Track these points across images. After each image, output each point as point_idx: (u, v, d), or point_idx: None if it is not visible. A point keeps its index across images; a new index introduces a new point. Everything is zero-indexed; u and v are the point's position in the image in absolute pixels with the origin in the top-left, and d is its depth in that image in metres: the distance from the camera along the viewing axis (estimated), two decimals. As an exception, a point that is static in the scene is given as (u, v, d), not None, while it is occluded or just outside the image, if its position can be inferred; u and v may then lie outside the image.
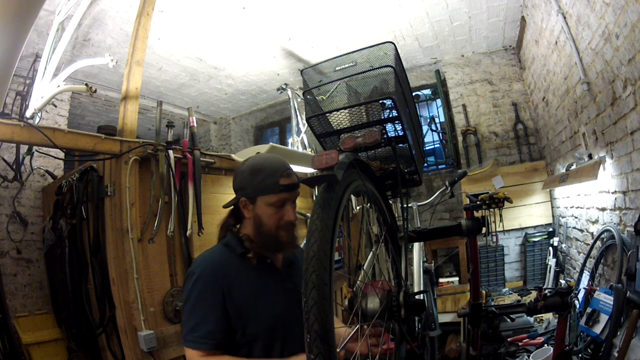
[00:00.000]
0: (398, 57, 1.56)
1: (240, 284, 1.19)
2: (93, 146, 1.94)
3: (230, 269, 1.21)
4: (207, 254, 1.29)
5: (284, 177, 1.22)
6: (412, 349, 1.62)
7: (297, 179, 1.25)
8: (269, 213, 1.22)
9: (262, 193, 1.21)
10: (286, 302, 1.24)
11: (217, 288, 1.16)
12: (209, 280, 1.18)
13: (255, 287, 1.22)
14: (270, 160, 1.27)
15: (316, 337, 0.87)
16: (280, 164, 1.25)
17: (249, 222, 1.26)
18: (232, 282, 1.18)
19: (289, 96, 3.85)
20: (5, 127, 1.68)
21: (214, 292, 1.16)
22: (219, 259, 1.24)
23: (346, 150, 1.41)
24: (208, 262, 1.23)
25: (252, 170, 1.24)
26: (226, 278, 1.19)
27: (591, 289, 2.35)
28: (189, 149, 2.26)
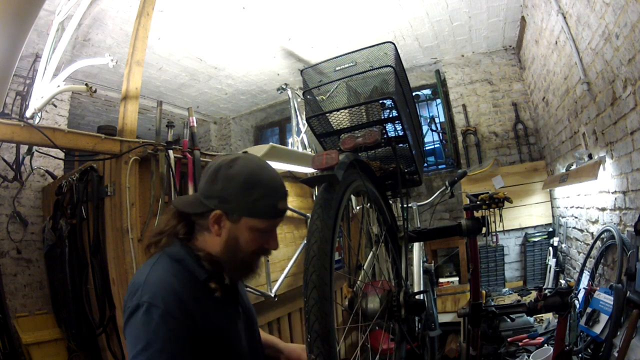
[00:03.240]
0: (398, 57, 1.56)
1: (211, 321, 0.95)
2: (93, 146, 1.93)
3: (199, 301, 0.93)
4: (162, 275, 0.93)
5: (282, 199, 1.03)
6: (412, 349, 1.62)
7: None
8: (251, 238, 0.98)
9: (252, 215, 0.97)
10: (243, 331, 1.07)
11: (192, 330, 0.89)
12: (182, 320, 0.87)
13: (223, 322, 1.00)
14: (270, 174, 1.03)
15: (317, 337, 0.86)
16: (280, 181, 1.05)
17: (214, 239, 0.98)
18: (205, 320, 0.93)
19: (289, 96, 3.85)
20: (5, 127, 1.68)
21: (189, 335, 0.88)
22: (184, 286, 0.92)
23: (346, 150, 1.41)
24: (172, 292, 0.89)
25: (246, 183, 0.96)
26: (198, 315, 0.91)
27: (591, 289, 2.36)
28: (189, 149, 2.25)
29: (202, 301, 0.94)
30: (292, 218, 3.05)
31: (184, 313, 0.88)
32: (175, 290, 0.90)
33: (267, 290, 2.57)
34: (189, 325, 0.88)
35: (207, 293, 0.95)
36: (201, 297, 0.94)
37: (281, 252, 2.86)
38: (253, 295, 2.45)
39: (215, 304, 0.97)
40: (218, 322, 0.97)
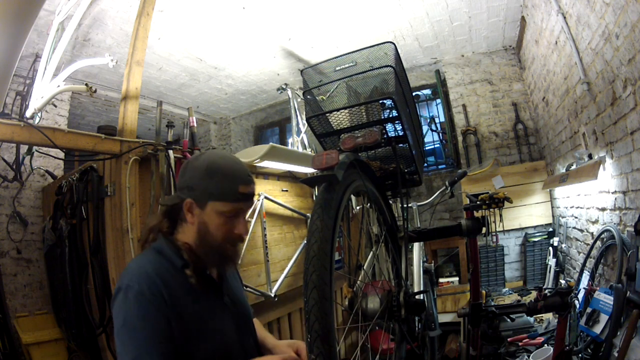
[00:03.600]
0: (398, 57, 1.56)
1: (184, 305, 1.00)
2: (93, 146, 1.94)
3: (171, 285, 0.99)
4: (141, 262, 1.04)
5: (244, 184, 1.06)
6: (412, 349, 1.62)
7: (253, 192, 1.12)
8: (218, 222, 1.04)
9: (215, 198, 1.03)
10: (230, 321, 1.11)
11: (162, 309, 0.95)
12: (151, 299, 0.94)
13: (200, 308, 1.04)
14: (230, 161, 1.09)
15: (317, 337, 0.87)
16: (241, 168, 1.10)
17: (190, 228, 1.07)
18: (176, 302, 0.98)
19: (289, 96, 3.85)
20: (5, 127, 1.68)
21: (159, 314, 0.94)
22: (157, 271, 1.00)
23: (346, 150, 1.41)
24: (145, 275, 0.98)
25: (207, 170, 1.04)
26: (169, 296, 0.97)
27: (591, 289, 2.36)
28: (189, 149, 2.25)
29: (176, 287, 1.00)
30: (292, 218, 3.05)
31: (155, 294, 0.95)
32: (148, 274, 0.98)
33: (267, 290, 2.57)
34: (159, 305, 0.95)
35: (183, 280, 1.02)
36: (176, 283, 1.01)
37: (281, 252, 2.86)
38: (253, 295, 2.45)
39: (193, 292, 1.03)
40: (195, 308, 1.02)
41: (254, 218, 2.58)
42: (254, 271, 2.56)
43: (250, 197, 1.10)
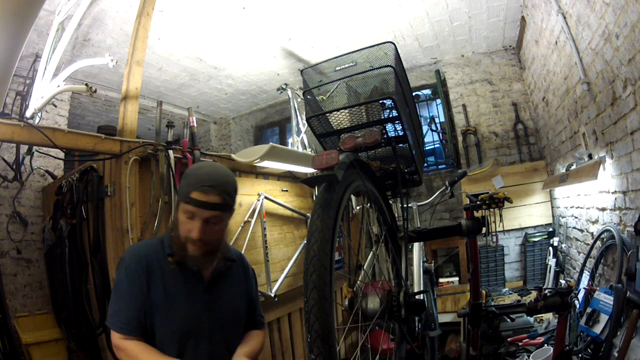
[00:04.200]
0: (398, 57, 1.56)
1: (158, 282, 1.23)
2: (93, 146, 1.93)
3: (154, 264, 1.24)
4: (142, 244, 1.39)
5: (198, 191, 1.19)
6: (412, 349, 1.62)
7: (223, 201, 1.22)
8: (181, 220, 1.23)
9: (180, 198, 1.24)
10: (200, 314, 1.25)
11: (141, 279, 1.21)
12: (134, 270, 1.22)
13: (170, 290, 1.24)
14: (205, 169, 1.26)
15: (317, 337, 0.87)
16: (206, 177, 1.22)
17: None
18: (152, 278, 1.23)
19: (289, 96, 3.85)
20: (5, 127, 1.68)
21: (137, 282, 1.21)
22: (148, 251, 1.27)
23: (346, 150, 1.42)
24: (136, 252, 1.28)
25: (186, 174, 1.26)
26: (149, 272, 1.23)
27: (591, 289, 2.35)
28: (189, 149, 2.25)
29: (157, 268, 1.24)
30: (292, 218, 3.05)
31: (139, 266, 1.22)
32: (138, 254, 1.26)
33: (267, 290, 2.57)
34: (137, 278, 1.21)
35: (167, 265, 1.25)
36: (159, 266, 1.24)
37: (281, 252, 2.86)
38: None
39: (173, 274, 1.24)
40: (168, 286, 1.23)
41: (254, 218, 2.58)
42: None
43: (205, 205, 1.19)
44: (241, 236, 2.47)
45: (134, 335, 1.20)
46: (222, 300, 1.31)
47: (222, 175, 1.25)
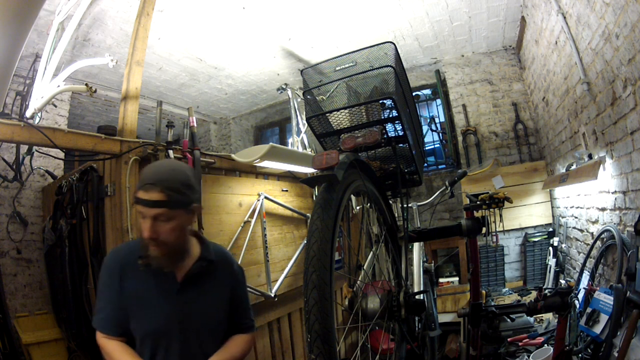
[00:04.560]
0: (398, 57, 1.56)
1: (130, 283, 1.23)
2: (93, 146, 1.93)
3: (129, 266, 1.24)
4: (122, 246, 1.40)
5: (142, 190, 1.18)
6: (412, 349, 1.62)
7: (166, 198, 1.17)
8: (138, 222, 1.23)
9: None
10: (171, 316, 1.23)
11: (116, 280, 1.24)
12: (110, 271, 1.25)
13: (142, 291, 1.24)
14: (152, 168, 1.25)
15: (317, 337, 0.87)
16: (150, 175, 1.20)
17: None
18: (126, 279, 1.24)
19: (289, 96, 3.85)
20: (5, 127, 1.68)
21: (113, 283, 1.24)
22: (126, 253, 1.28)
23: (346, 150, 1.42)
24: (114, 254, 1.31)
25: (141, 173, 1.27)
26: (123, 273, 1.24)
27: (591, 289, 2.35)
28: (189, 149, 2.25)
29: (131, 269, 1.24)
30: (292, 218, 3.05)
31: (115, 268, 1.25)
32: (117, 254, 1.31)
33: (267, 290, 2.57)
34: (114, 276, 1.24)
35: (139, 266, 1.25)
36: (135, 265, 1.23)
37: (281, 252, 2.86)
38: (253, 295, 2.45)
39: (145, 275, 1.23)
40: (140, 287, 1.23)
41: (254, 218, 2.58)
42: (254, 271, 2.56)
43: (147, 203, 1.17)
44: (241, 236, 2.47)
45: (113, 335, 1.22)
46: (196, 302, 1.28)
47: (166, 171, 1.22)
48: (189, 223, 1.28)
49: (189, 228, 1.30)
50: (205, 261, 1.31)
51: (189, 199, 1.23)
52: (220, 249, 1.47)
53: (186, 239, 1.28)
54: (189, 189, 1.23)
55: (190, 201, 1.23)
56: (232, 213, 2.47)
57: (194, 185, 1.27)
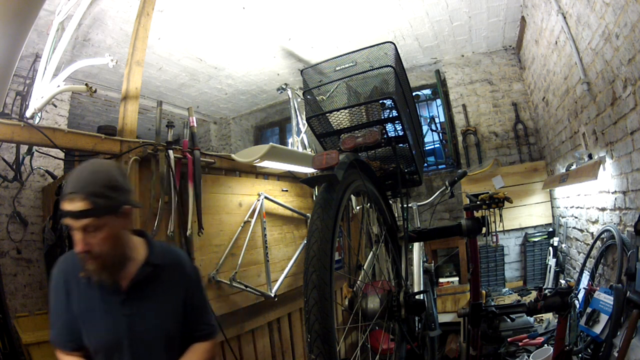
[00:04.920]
0: (398, 57, 1.56)
1: (75, 298, 1.15)
2: (93, 146, 1.93)
3: (73, 278, 1.16)
4: (66, 256, 1.24)
5: (65, 200, 1.05)
6: (412, 349, 1.62)
7: (91, 205, 1.05)
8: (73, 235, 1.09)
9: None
10: (118, 329, 1.14)
11: (62, 294, 1.16)
12: (56, 285, 1.18)
13: (88, 305, 1.15)
14: (73, 175, 1.10)
15: (317, 337, 0.87)
16: (71, 183, 1.07)
17: None
18: (71, 293, 1.16)
19: (289, 96, 3.85)
20: (5, 127, 1.68)
21: (59, 298, 1.16)
22: (67, 266, 1.19)
23: (346, 150, 1.42)
24: (58, 267, 1.21)
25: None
26: (68, 287, 1.16)
27: (591, 289, 2.35)
28: (189, 149, 2.25)
29: (77, 280, 1.15)
30: (292, 218, 3.05)
31: (59, 282, 1.18)
32: (60, 266, 1.21)
33: (267, 290, 2.57)
34: (60, 290, 1.17)
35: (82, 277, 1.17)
36: (78, 278, 1.14)
37: (281, 252, 2.86)
38: (253, 295, 2.45)
39: (88, 287, 1.15)
40: (85, 301, 1.15)
41: (254, 218, 2.58)
42: (254, 271, 2.56)
43: (71, 215, 1.05)
44: (241, 236, 2.47)
45: (68, 350, 1.15)
46: (145, 312, 1.17)
47: (87, 175, 1.08)
48: (123, 228, 1.16)
49: (126, 232, 1.18)
50: (150, 266, 1.19)
51: (116, 202, 1.10)
52: (170, 249, 1.34)
53: (124, 245, 1.16)
54: (116, 191, 1.11)
55: (118, 204, 1.11)
56: (232, 213, 2.47)
57: (122, 185, 1.14)
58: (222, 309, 2.24)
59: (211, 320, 1.34)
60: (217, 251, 2.32)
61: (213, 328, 1.33)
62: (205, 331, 1.29)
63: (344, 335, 1.88)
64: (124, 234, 1.16)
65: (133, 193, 1.19)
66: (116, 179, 1.13)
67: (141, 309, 1.16)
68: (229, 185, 2.52)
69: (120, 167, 1.21)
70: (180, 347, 1.23)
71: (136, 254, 1.20)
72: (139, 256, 1.20)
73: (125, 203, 1.14)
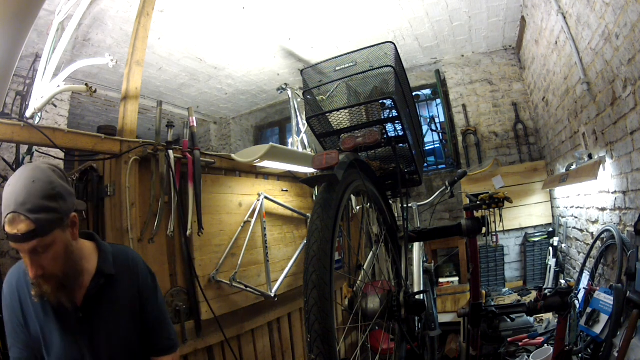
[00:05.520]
0: (398, 57, 1.56)
1: (32, 316, 1.07)
2: (93, 146, 1.93)
3: (27, 297, 1.07)
4: (15, 269, 1.12)
5: (6, 221, 0.93)
6: (412, 349, 1.62)
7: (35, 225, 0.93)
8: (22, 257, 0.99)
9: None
10: (79, 348, 1.06)
11: (17, 314, 1.07)
12: (10, 303, 1.08)
13: (44, 325, 1.06)
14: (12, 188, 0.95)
15: (317, 337, 0.87)
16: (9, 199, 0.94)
17: None
18: (27, 313, 1.07)
19: (289, 96, 3.85)
20: (5, 127, 1.68)
21: (15, 318, 1.07)
22: (19, 281, 1.09)
23: (346, 150, 1.42)
24: (9, 283, 1.10)
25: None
26: (23, 305, 1.07)
27: (591, 289, 2.35)
28: (189, 149, 2.25)
29: (31, 298, 1.05)
30: (292, 218, 3.05)
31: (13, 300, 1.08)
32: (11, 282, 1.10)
33: (267, 290, 2.57)
34: (15, 310, 1.07)
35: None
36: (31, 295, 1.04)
37: (281, 252, 2.86)
38: (253, 295, 2.45)
39: (43, 306, 1.06)
40: (39, 322, 1.06)
41: (254, 218, 2.58)
42: (254, 271, 2.56)
43: (16, 239, 0.93)
44: (241, 236, 2.47)
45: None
46: (103, 327, 1.09)
47: (23, 188, 0.94)
48: (72, 239, 1.05)
49: (76, 243, 1.08)
50: (102, 277, 1.10)
51: (61, 213, 0.99)
52: (123, 254, 1.22)
53: (76, 259, 1.06)
54: (58, 200, 0.98)
55: (63, 215, 0.99)
56: (232, 213, 2.47)
57: (63, 190, 1.01)
58: (222, 309, 2.24)
59: (171, 333, 1.25)
60: (217, 251, 2.32)
61: (173, 342, 1.25)
62: (164, 345, 1.22)
63: (344, 335, 1.88)
64: (74, 245, 1.06)
65: (74, 194, 1.07)
66: (57, 185, 0.99)
67: (99, 324, 1.09)
68: (229, 185, 2.52)
69: (58, 168, 1.05)
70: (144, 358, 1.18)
71: (88, 264, 1.10)
72: (90, 266, 1.10)
73: (70, 211, 1.03)
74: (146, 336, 1.18)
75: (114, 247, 1.21)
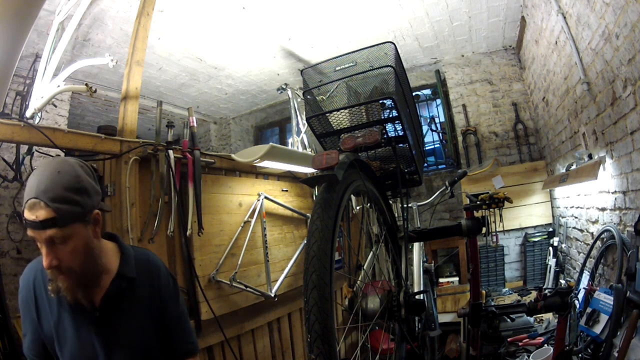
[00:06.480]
0: (398, 57, 1.56)
1: (46, 313, 1.06)
2: (93, 146, 1.93)
3: (42, 292, 1.06)
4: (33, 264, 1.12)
5: (26, 208, 0.92)
6: (412, 349, 1.62)
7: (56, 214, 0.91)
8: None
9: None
10: (94, 350, 1.05)
11: (30, 308, 1.08)
12: (24, 298, 1.09)
13: (59, 323, 1.05)
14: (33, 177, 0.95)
15: (317, 337, 0.87)
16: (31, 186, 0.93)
17: None
18: (41, 308, 1.07)
19: (289, 96, 3.85)
20: (5, 127, 1.68)
21: (28, 312, 1.08)
22: (37, 276, 1.08)
23: (346, 150, 1.42)
24: (26, 277, 1.10)
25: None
26: (38, 300, 1.07)
27: (591, 289, 2.35)
28: (189, 149, 2.25)
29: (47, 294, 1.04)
30: (292, 218, 3.05)
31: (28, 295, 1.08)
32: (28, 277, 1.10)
33: (267, 290, 2.57)
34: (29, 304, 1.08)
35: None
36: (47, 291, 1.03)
37: (281, 252, 2.86)
38: (253, 295, 2.45)
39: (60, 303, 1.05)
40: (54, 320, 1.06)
41: (254, 218, 2.58)
42: (254, 271, 2.56)
43: (34, 226, 0.91)
44: (241, 236, 2.47)
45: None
46: (121, 330, 1.07)
47: (49, 177, 0.93)
48: (94, 237, 1.02)
49: (98, 241, 1.05)
50: (124, 280, 1.08)
51: (84, 207, 0.96)
52: (145, 257, 1.19)
53: (96, 257, 1.04)
54: (83, 194, 0.97)
55: (85, 210, 0.97)
56: (232, 213, 2.47)
57: (89, 186, 0.99)
58: (222, 309, 2.24)
59: (192, 337, 1.24)
60: (217, 251, 2.32)
61: (193, 346, 1.23)
62: (185, 349, 1.21)
63: (344, 335, 1.88)
64: (95, 243, 1.03)
65: (100, 193, 1.05)
66: (82, 180, 0.98)
67: (117, 328, 1.07)
68: (229, 185, 2.52)
69: (87, 166, 1.04)
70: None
71: (109, 265, 1.08)
72: (111, 267, 1.08)
73: (94, 208, 1.01)
74: (167, 340, 1.16)
75: (136, 250, 1.20)
